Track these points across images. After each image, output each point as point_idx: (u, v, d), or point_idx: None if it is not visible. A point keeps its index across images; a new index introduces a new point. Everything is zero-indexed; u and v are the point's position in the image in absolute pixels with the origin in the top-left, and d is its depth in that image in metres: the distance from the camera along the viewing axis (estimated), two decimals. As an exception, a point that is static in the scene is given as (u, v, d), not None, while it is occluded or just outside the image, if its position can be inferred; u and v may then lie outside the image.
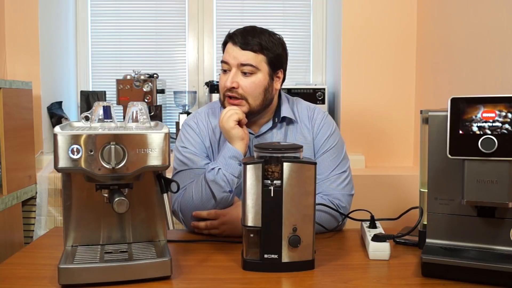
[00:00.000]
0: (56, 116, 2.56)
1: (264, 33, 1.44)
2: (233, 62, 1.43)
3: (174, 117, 2.89)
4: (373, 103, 2.58)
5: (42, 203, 2.31)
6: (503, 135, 1.01)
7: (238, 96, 1.43)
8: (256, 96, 1.44)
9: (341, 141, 1.53)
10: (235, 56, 1.42)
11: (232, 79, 1.42)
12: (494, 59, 1.77)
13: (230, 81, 1.42)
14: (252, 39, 1.42)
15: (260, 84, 1.44)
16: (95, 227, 1.15)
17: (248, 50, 1.42)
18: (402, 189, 2.28)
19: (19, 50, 2.48)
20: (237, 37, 1.43)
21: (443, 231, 1.13)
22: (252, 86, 1.43)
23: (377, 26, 2.56)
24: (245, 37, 1.42)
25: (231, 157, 1.35)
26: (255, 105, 1.45)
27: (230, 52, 1.44)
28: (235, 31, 1.46)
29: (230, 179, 1.35)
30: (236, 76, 1.42)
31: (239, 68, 1.42)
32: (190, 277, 1.09)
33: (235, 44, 1.43)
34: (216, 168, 1.35)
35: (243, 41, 1.42)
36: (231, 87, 1.42)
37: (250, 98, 1.43)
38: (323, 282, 1.08)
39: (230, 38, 1.45)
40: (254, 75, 1.43)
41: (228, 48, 1.45)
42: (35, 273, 1.11)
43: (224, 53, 1.47)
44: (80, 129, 1.03)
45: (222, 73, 1.47)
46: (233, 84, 1.42)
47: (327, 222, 1.40)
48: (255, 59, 1.42)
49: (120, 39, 2.92)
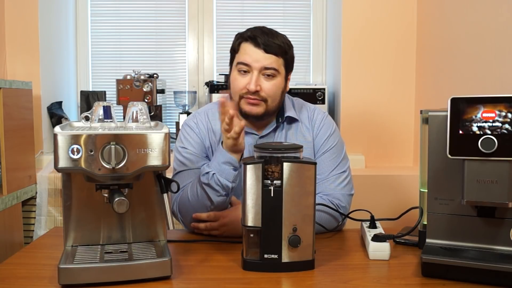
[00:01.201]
0: (56, 116, 2.56)
1: (279, 36, 1.43)
2: (256, 65, 1.40)
3: (174, 117, 2.89)
4: (373, 103, 2.58)
5: (42, 203, 2.30)
6: (503, 135, 1.01)
7: (259, 98, 1.41)
8: (275, 99, 1.44)
9: (341, 141, 1.53)
10: (257, 59, 1.40)
11: (256, 82, 1.40)
12: (494, 59, 1.77)
13: (254, 84, 1.39)
14: (274, 42, 1.40)
15: (280, 86, 1.44)
16: (95, 227, 1.15)
17: (271, 54, 1.40)
18: (402, 189, 2.28)
19: (19, 50, 2.48)
20: (260, 38, 1.40)
21: (443, 231, 1.13)
22: (274, 89, 1.42)
23: (377, 26, 2.56)
24: (267, 39, 1.40)
25: (225, 162, 1.31)
26: (272, 107, 1.44)
27: (251, 54, 1.40)
28: (253, 32, 1.42)
29: (225, 184, 1.31)
30: (258, 79, 1.41)
31: (260, 71, 1.40)
32: (190, 277, 1.09)
33: (258, 46, 1.40)
34: (211, 173, 1.32)
35: (267, 43, 1.39)
36: (255, 90, 1.40)
37: (270, 100, 1.43)
38: (323, 282, 1.08)
39: (250, 38, 1.41)
40: (275, 78, 1.42)
41: (247, 49, 1.42)
42: (35, 273, 1.11)
43: (242, 54, 1.42)
44: (80, 129, 1.03)
45: (239, 74, 1.43)
46: (257, 87, 1.40)
47: (327, 222, 1.40)
48: (277, 62, 1.41)
49: (120, 39, 2.92)
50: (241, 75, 1.43)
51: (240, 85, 1.42)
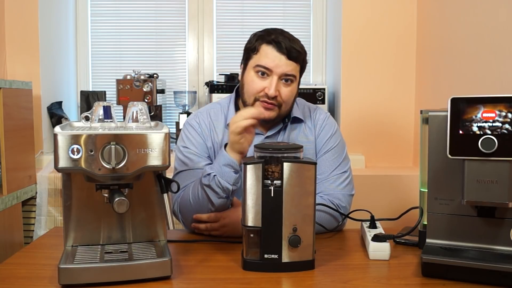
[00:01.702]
0: (56, 116, 2.56)
1: (298, 41, 1.43)
2: (278, 70, 1.38)
3: (174, 117, 2.89)
4: (373, 103, 2.58)
5: (42, 203, 2.30)
6: (503, 135, 1.01)
7: (276, 103, 1.41)
8: (289, 104, 1.45)
9: (342, 142, 1.54)
10: (279, 64, 1.38)
11: (276, 87, 1.39)
12: (494, 59, 1.77)
13: (274, 89, 1.38)
14: (295, 48, 1.39)
15: (295, 92, 1.45)
16: (95, 227, 1.15)
17: (293, 61, 1.39)
18: (402, 189, 2.28)
19: (19, 50, 2.48)
20: (283, 43, 1.38)
21: (443, 231, 1.13)
22: (290, 95, 1.43)
23: (377, 26, 2.56)
24: (290, 45, 1.38)
25: (226, 164, 1.30)
26: (284, 112, 1.45)
27: (273, 58, 1.38)
28: (276, 35, 1.39)
29: (225, 186, 1.31)
30: (278, 84, 1.40)
31: (280, 76, 1.39)
32: (190, 277, 1.09)
33: (281, 52, 1.38)
34: (212, 175, 1.31)
35: (290, 48, 1.38)
36: (274, 96, 1.39)
37: (284, 105, 1.43)
38: (323, 282, 1.08)
39: (274, 42, 1.38)
40: (292, 84, 1.42)
41: (270, 52, 1.39)
42: (35, 273, 1.11)
43: (264, 56, 1.39)
44: (80, 129, 1.03)
45: (257, 76, 1.41)
46: (276, 93, 1.39)
47: (327, 222, 1.40)
48: (296, 69, 1.41)
49: (120, 39, 2.92)
50: (259, 77, 1.41)
51: (258, 87, 1.41)
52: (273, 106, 1.41)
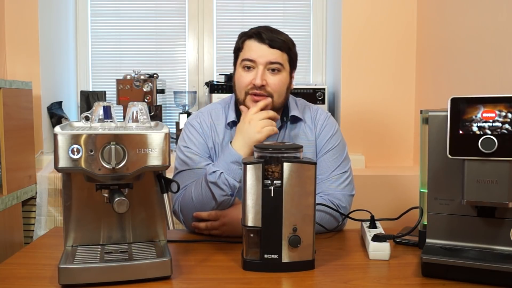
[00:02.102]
0: (56, 116, 2.56)
1: (283, 33, 1.45)
2: (261, 60, 1.41)
3: (174, 117, 2.89)
4: (373, 103, 2.58)
5: (42, 203, 2.30)
6: (503, 135, 1.01)
7: (265, 93, 1.42)
8: (281, 94, 1.45)
9: (343, 142, 1.54)
10: (263, 54, 1.41)
11: (262, 76, 1.40)
12: (494, 59, 1.77)
13: (260, 78, 1.40)
14: (278, 37, 1.42)
15: (285, 82, 1.45)
16: (95, 227, 1.15)
17: (276, 49, 1.41)
18: (402, 189, 2.28)
19: (19, 50, 2.48)
20: (264, 34, 1.41)
21: (443, 231, 1.13)
22: (280, 84, 1.43)
23: (377, 26, 2.56)
24: (272, 35, 1.42)
25: (234, 162, 1.32)
26: (278, 103, 1.45)
27: (256, 49, 1.42)
28: (258, 29, 1.44)
29: (232, 184, 1.32)
30: (264, 73, 1.41)
31: (266, 66, 1.41)
32: (190, 277, 1.09)
33: (262, 42, 1.41)
34: (218, 172, 1.32)
35: (271, 38, 1.41)
36: (261, 85, 1.40)
37: (276, 95, 1.43)
38: (323, 282, 1.08)
39: (255, 35, 1.42)
40: (280, 73, 1.43)
41: (252, 45, 1.43)
42: (35, 273, 1.11)
43: (246, 50, 1.43)
44: (80, 129, 1.03)
45: (244, 71, 1.44)
46: (263, 82, 1.41)
47: (327, 222, 1.40)
48: (281, 57, 1.42)
49: (120, 39, 2.92)
50: (246, 71, 1.44)
51: (246, 81, 1.43)
52: (264, 97, 1.42)
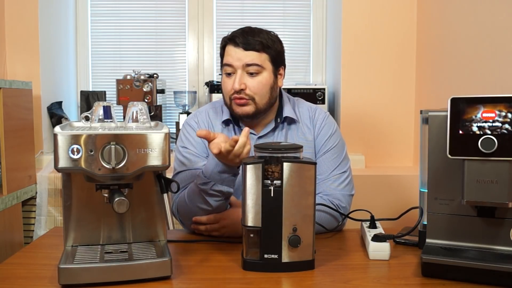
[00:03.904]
0: (56, 116, 2.56)
1: (262, 32, 1.44)
2: (238, 63, 1.41)
3: (174, 117, 2.89)
4: (373, 103, 2.58)
5: (42, 203, 2.30)
6: (503, 135, 1.01)
7: (246, 97, 1.42)
8: (263, 95, 1.44)
9: (342, 142, 1.53)
10: (239, 57, 1.41)
11: (240, 80, 1.40)
12: (494, 59, 1.77)
13: (238, 83, 1.40)
14: (253, 39, 1.41)
15: (266, 83, 1.44)
16: (95, 227, 1.15)
17: (251, 50, 1.41)
18: (402, 189, 2.28)
19: (19, 50, 2.48)
20: (238, 38, 1.41)
21: (443, 231, 1.13)
22: (260, 86, 1.42)
23: (377, 26, 2.56)
24: (246, 37, 1.41)
25: (223, 171, 1.27)
26: (261, 105, 1.44)
27: (232, 54, 1.42)
28: (233, 34, 1.44)
29: (226, 191, 1.30)
30: (242, 77, 1.41)
31: (244, 69, 1.41)
32: (190, 277, 1.09)
33: (237, 46, 1.41)
34: (210, 184, 1.29)
35: (245, 41, 1.40)
36: (239, 89, 1.40)
37: (258, 97, 1.43)
38: (323, 282, 1.08)
39: (230, 40, 1.43)
40: (260, 75, 1.43)
41: (229, 50, 1.43)
42: (35, 273, 1.11)
43: (225, 56, 1.44)
44: (80, 129, 1.03)
45: (226, 77, 1.45)
46: (241, 86, 1.40)
47: (327, 222, 1.40)
48: (259, 58, 1.42)
49: (120, 39, 2.92)
50: (227, 77, 1.45)
51: (228, 87, 1.44)
52: (245, 100, 1.42)
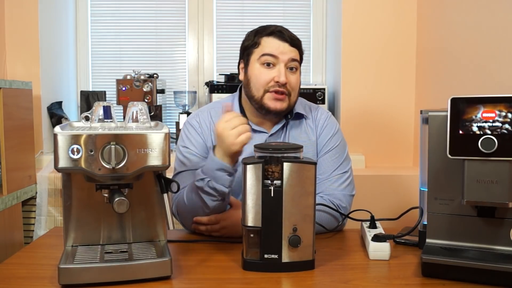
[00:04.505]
0: (56, 116, 2.56)
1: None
2: (284, 57, 1.41)
3: (174, 117, 2.89)
4: (373, 103, 2.58)
5: (42, 203, 2.30)
6: (503, 135, 1.01)
7: (286, 92, 1.41)
8: (296, 93, 1.46)
9: (343, 142, 1.53)
10: (284, 51, 1.41)
11: (285, 74, 1.40)
12: (494, 59, 1.77)
13: (284, 75, 1.39)
14: (295, 36, 1.44)
15: (299, 81, 1.47)
16: (95, 227, 1.15)
17: (295, 47, 1.43)
18: (402, 189, 2.28)
19: (19, 50, 2.48)
20: (284, 32, 1.42)
21: (443, 231, 1.13)
22: (297, 83, 1.45)
23: (377, 26, 2.56)
24: (290, 33, 1.44)
25: (219, 169, 1.27)
26: (293, 102, 1.46)
27: (277, 46, 1.41)
28: (277, 27, 1.44)
29: (220, 190, 1.29)
30: (286, 71, 1.42)
31: (286, 63, 1.41)
32: (190, 277, 1.09)
33: (283, 40, 1.41)
34: (206, 179, 1.29)
35: (291, 36, 1.43)
36: (285, 82, 1.40)
37: (293, 94, 1.44)
38: (323, 282, 1.08)
39: (275, 33, 1.42)
40: (297, 72, 1.45)
41: (272, 42, 1.41)
42: (35, 273, 1.11)
43: (266, 46, 1.42)
44: (80, 129, 1.03)
45: (264, 67, 1.42)
46: (286, 79, 1.40)
47: (327, 222, 1.40)
48: (298, 56, 1.44)
49: (120, 39, 2.92)
50: (266, 68, 1.42)
51: (267, 78, 1.41)
52: (284, 96, 1.41)
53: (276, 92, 1.40)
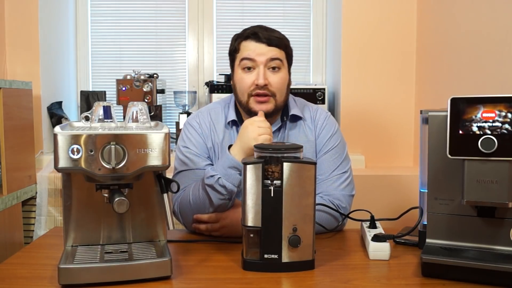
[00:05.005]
0: (56, 116, 2.56)
1: (276, 31, 1.46)
2: (261, 58, 1.40)
3: (174, 117, 2.89)
4: (373, 103, 2.58)
5: (42, 203, 2.30)
6: (503, 135, 1.01)
7: (268, 93, 1.41)
8: (283, 93, 1.45)
9: (343, 142, 1.53)
10: (262, 52, 1.40)
11: (264, 76, 1.40)
12: (494, 59, 1.77)
13: (262, 77, 1.39)
14: (274, 35, 1.42)
15: (285, 80, 1.45)
16: (95, 227, 1.15)
17: (273, 46, 1.41)
18: (402, 189, 2.28)
19: (19, 50, 2.48)
20: (261, 33, 1.41)
21: (443, 231, 1.13)
22: (281, 82, 1.43)
23: (377, 26, 2.56)
24: (268, 33, 1.42)
25: (231, 167, 1.31)
26: (280, 102, 1.45)
27: (254, 49, 1.41)
28: (252, 30, 1.44)
29: (230, 188, 1.31)
30: (265, 72, 1.41)
31: (266, 64, 1.41)
32: (190, 277, 1.09)
33: (260, 41, 1.41)
34: (216, 176, 1.31)
35: (268, 36, 1.41)
36: (264, 84, 1.40)
37: (278, 94, 1.43)
38: (323, 282, 1.08)
39: (251, 35, 1.42)
40: (280, 71, 1.43)
41: (249, 45, 1.42)
42: (35, 273, 1.11)
43: (244, 51, 1.43)
44: (80, 129, 1.03)
45: (244, 72, 1.43)
46: (265, 81, 1.40)
47: (327, 222, 1.40)
48: (280, 54, 1.43)
49: (120, 39, 2.92)
50: (246, 72, 1.43)
51: (248, 82, 1.42)
52: (267, 97, 1.42)
53: (258, 95, 1.41)
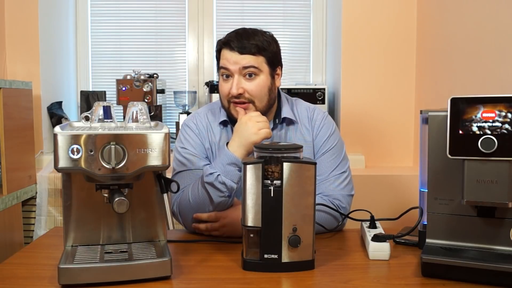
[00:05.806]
0: (56, 116, 2.56)
1: (257, 34, 1.43)
2: (234, 67, 1.40)
3: (174, 117, 2.89)
4: (373, 103, 2.58)
5: (42, 203, 2.31)
6: (503, 135, 1.01)
7: (246, 100, 1.42)
8: (262, 98, 1.44)
9: (340, 142, 1.53)
10: (235, 61, 1.40)
11: (237, 85, 1.40)
12: (494, 59, 1.77)
13: (235, 87, 1.40)
14: (248, 42, 1.40)
15: (264, 85, 1.43)
16: (95, 227, 1.15)
17: (246, 54, 1.40)
18: (402, 189, 2.28)
19: (19, 50, 2.48)
20: (233, 42, 1.40)
21: (443, 231, 1.13)
22: (258, 89, 1.42)
23: (377, 26, 2.56)
24: (241, 41, 1.40)
25: (230, 163, 1.32)
26: (261, 107, 1.44)
27: (228, 58, 1.41)
28: (228, 37, 1.43)
29: (229, 185, 1.32)
30: (240, 81, 1.41)
31: (241, 73, 1.41)
32: (190, 277, 1.09)
33: (232, 50, 1.40)
34: (215, 174, 1.32)
35: (240, 45, 1.40)
36: (237, 94, 1.40)
37: (257, 100, 1.43)
38: (323, 282, 1.08)
39: (225, 44, 1.42)
40: (257, 77, 1.42)
41: (225, 54, 1.43)
42: (35, 273, 1.11)
43: (221, 59, 1.44)
44: (80, 129, 1.03)
45: (223, 80, 1.44)
46: (239, 90, 1.40)
47: (327, 222, 1.40)
48: (255, 61, 1.41)
49: (120, 39, 2.92)
50: (224, 80, 1.44)
51: (225, 90, 1.44)
52: (246, 104, 1.42)
53: (235, 102, 1.43)
